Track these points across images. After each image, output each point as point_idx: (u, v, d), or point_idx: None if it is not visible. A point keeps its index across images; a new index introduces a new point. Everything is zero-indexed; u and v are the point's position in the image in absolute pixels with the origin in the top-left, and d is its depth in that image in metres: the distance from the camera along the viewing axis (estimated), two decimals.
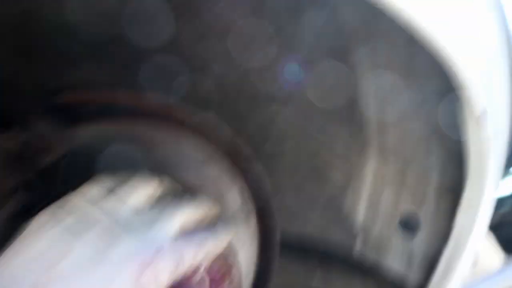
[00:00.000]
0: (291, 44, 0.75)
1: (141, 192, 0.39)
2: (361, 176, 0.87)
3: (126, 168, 0.44)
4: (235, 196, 0.62)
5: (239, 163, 0.58)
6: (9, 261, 0.35)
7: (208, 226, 0.40)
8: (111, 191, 0.38)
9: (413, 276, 0.84)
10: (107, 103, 0.45)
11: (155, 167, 0.48)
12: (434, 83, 0.71)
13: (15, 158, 0.40)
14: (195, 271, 0.45)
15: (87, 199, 0.38)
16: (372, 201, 0.87)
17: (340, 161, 0.89)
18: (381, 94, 0.78)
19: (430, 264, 0.82)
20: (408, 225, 0.84)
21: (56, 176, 0.42)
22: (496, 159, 0.62)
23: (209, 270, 0.48)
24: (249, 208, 0.62)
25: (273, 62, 0.82)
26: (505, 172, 1.33)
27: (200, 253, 0.36)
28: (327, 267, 0.99)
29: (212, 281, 0.48)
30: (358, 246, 0.92)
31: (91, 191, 0.39)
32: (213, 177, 0.54)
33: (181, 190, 0.42)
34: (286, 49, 0.73)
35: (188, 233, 0.37)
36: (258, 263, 0.65)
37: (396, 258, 0.86)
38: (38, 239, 0.36)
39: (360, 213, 0.89)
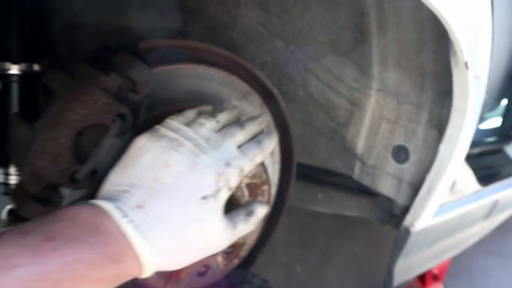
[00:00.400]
0: None
1: (216, 118, 0.52)
2: (361, 113, 1.01)
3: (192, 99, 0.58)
4: None
5: (269, 98, 0.72)
6: (126, 170, 0.49)
7: (257, 139, 0.53)
8: (192, 118, 0.52)
9: (401, 199, 1.01)
10: (179, 47, 0.58)
11: (211, 98, 0.62)
12: (431, 31, 0.83)
13: (114, 96, 0.53)
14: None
15: (179, 122, 0.52)
16: (370, 134, 1.02)
17: (344, 100, 1.03)
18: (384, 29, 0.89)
19: (415, 190, 0.98)
20: (399, 156, 1.00)
21: (141, 111, 0.55)
22: (476, 99, 0.76)
23: (248, 183, 0.63)
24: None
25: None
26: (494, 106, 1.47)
27: (253, 163, 0.51)
28: (328, 189, 1.16)
29: (250, 191, 0.64)
30: (356, 173, 1.08)
31: (179, 117, 0.52)
32: (249, 109, 0.67)
33: (236, 116, 0.56)
34: None
35: (245, 147, 0.51)
36: (280, 179, 0.80)
37: (387, 184, 1.03)
38: (146, 152, 0.50)
39: (359, 144, 1.04)
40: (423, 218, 0.94)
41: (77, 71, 0.55)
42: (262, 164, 0.65)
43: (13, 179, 0.61)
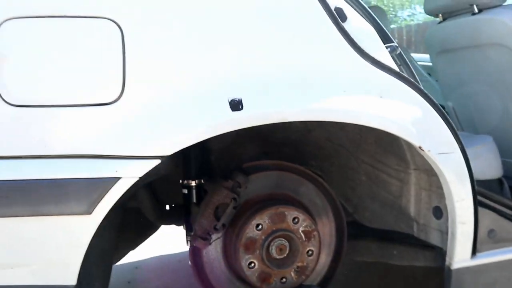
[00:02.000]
0: None
1: None
2: (408, 187, 1.44)
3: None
4: (321, 203, 1.30)
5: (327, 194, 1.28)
6: None
7: None
8: None
9: (445, 247, 1.36)
10: (269, 166, 1.21)
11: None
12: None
13: (231, 189, 1.16)
14: (298, 228, 1.15)
15: None
16: (416, 201, 1.43)
17: (394, 179, 1.48)
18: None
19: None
20: (436, 214, 1.38)
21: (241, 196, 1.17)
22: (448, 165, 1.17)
23: (303, 229, 1.16)
24: (327, 207, 1.30)
25: None
26: None
27: None
28: (400, 246, 1.55)
29: (306, 233, 1.16)
30: (415, 231, 1.47)
31: None
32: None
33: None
34: None
35: None
36: (336, 239, 1.30)
37: (435, 236, 1.40)
38: None
39: (411, 209, 1.45)
40: (458, 258, 1.29)
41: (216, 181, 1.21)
42: (311, 218, 1.19)
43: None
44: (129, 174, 0.88)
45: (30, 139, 0.88)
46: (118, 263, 1.62)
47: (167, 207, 1.50)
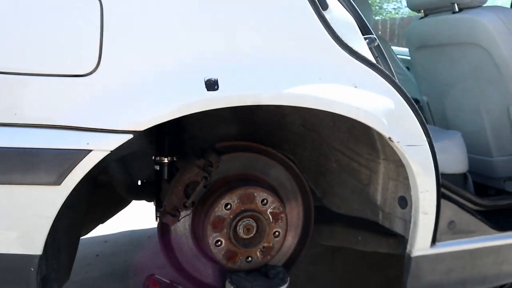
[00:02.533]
0: None
1: None
2: (376, 175, 1.49)
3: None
4: (291, 187, 1.33)
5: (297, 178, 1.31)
6: None
7: None
8: None
9: (407, 235, 1.41)
10: (242, 147, 1.23)
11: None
12: None
13: (202, 168, 1.17)
14: (266, 209, 1.17)
15: None
16: (384, 190, 1.48)
17: (364, 168, 1.52)
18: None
19: None
20: (402, 204, 1.43)
21: (212, 175, 1.18)
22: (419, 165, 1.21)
23: (271, 211, 1.19)
24: (296, 191, 1.33)
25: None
26: None
27: None
28: (365, 232, 1.61)
29: (273, 215, 1.19)
30: (380, 219, 1.53)
31: None
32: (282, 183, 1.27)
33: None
34: None
35: None
36: (303, 223, 1.34)
37: (398, 225, 1.45)
38: None
39: (378, 198, 1.50)
40: (418, 246, 1.35)
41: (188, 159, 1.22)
42: (280, 200, 1.21)
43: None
44: (100, 147, 0.88)
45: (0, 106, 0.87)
46: (87, 236, 1.62)
47: (139, 182, 1.51)
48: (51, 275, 1.02)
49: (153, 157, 1.28)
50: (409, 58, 2.83)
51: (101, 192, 1.44)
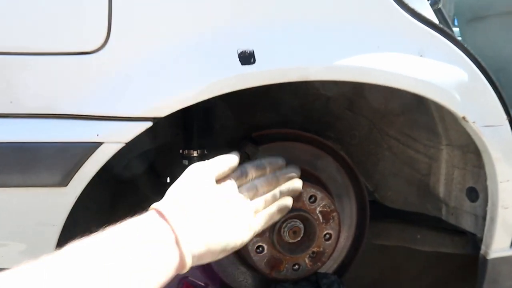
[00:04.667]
0: None
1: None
2: (438, 164, 1.27)
3: None
4: (342, 180, 1.14)
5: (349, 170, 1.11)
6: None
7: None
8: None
9: (480, 233, 1.20)
10: (283, 135, 1.04)
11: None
12: None
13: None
14: (315, 208, 0.99)
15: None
16: (447, 180, 1.26)
17: (422, 156, 1.31)
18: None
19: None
20: (471, 196, 1.21)
21: None
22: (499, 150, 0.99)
23: (321, 210, 1.00)
24: (348, 185, 1.13)
25: None
26: None
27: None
28: (424, 230, 1.39)
29: (324, 214, 1.00)
30: (443, 214, 1.31)
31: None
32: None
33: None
34: None
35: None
36: (356, 221, 1.14)
37: (467, 221, 1.23)
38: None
39: (441, 189, 1.28)
40: (496, 246, 1.13)
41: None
42: (331, 197, 1.02)
43: None
44: (113, 139, 0.72)
45: None
46: None
47: (168, 180, 1.35)
48: None
49: (180, 151, 1.11)
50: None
51: (125, 191, 1.29)
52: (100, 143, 0.72)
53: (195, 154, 1.14)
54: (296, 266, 1.01)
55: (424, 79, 0.88)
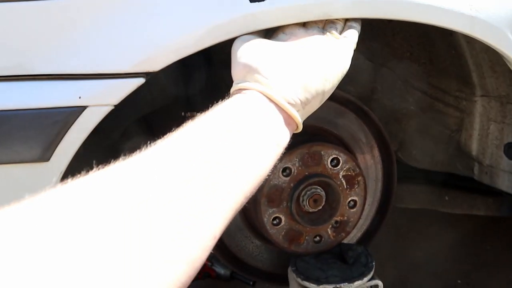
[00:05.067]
0: None
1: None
2: (470, 118, 1.14)
3: None
4: (366, 139, 1.01)
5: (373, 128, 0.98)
6: None
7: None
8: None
9: None
10: None
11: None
12: None
13: None
14: (338, 172, 0.86)
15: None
16: (482, 136, 1.13)
17: (453, 109, 1.17)
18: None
19: None
20: (511, 153, 1.08)
21: None
22: None
23: (344, 174, 0.88)
24: (373, 144, 1.00)
25: None
26: None
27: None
28: (453, 191, 1.28)
29: (348, 179, 0.88)
30: (476, 173, 1.19)
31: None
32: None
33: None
34: None
35: None
36: (382, 182, 1.02)
37: (505, 180, 1.11)
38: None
39: (474, 147, 1.16)
40: None
41: None
42: (356, 161, 0.90)
43: None
44: (98, 101, 0.59)
45: None
46: None
47: None
48: None
49: (182, 113, 0.99)
50: None
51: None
52: (83, 107, 0.59)
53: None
54: (318, 238, 0.90)
55: (470, 13, 0.73)
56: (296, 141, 0.86)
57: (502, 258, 1.60)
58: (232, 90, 0.51)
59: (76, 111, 0.59)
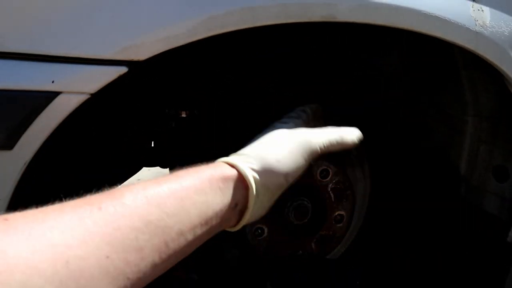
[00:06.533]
0: None
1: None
2: (461, 136, 1.11)
3: None
4: (356, 151, 0.97)
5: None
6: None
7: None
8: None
9: (505, 217, 1.06)
10: None
11: None
12: None
13: None
14: (326, 184, 0.82)
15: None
16: (470, 157, 1.11)
17: (443, 125, 1.15)
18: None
19: None
20: (499, 175, 1.06)
21: None
22: None
23: (333, 187, 0.84)
24: (363, 159, 0.96)
25: None
26: None
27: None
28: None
29: (336, 192, 0.84)
30: (462, 192, 1.16)
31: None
32: None
33: None
34: None
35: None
36: (369, 197, 0.98)
37: (491, 202, 1.09)
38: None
39: (462, 166, 1.13)
40: None
41: None
42: (345, 174, 0.86)
43: None
44: (73, 88, 0.53)
45: None
46: None
47: (152, 144, 1.16)
48: None
49: (166, 110, 0.93)
50: None
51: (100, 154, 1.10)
52: (56, 93, 0.53)
53: (183, 115, 0.96)
54: (300, 252, 0.85)
55: (478, 31, 0.70)
56: None
57: None
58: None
59: (47, 97, 0.53)
